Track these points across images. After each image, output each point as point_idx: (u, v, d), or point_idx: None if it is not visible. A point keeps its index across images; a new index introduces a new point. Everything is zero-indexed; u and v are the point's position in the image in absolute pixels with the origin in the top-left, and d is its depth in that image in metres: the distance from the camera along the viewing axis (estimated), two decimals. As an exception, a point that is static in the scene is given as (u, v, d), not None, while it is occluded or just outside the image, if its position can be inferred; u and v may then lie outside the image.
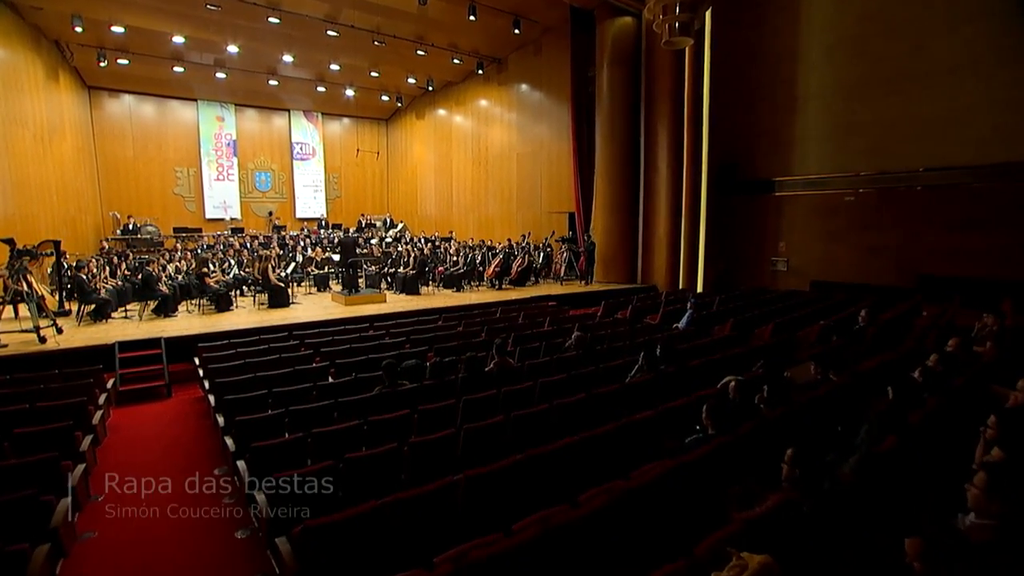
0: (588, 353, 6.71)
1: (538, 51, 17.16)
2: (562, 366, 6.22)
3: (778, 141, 13.78)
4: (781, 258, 14.18)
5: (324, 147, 23.35)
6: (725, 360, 5.93)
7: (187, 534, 4.11)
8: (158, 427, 6.54)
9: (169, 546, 4.00)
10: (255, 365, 6.38)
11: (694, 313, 9.74)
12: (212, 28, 14.99)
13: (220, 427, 5.08)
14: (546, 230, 16.60)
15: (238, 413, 4.83)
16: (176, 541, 4.05)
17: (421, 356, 6.99)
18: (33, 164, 14.02)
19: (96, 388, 6.11)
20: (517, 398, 5.00)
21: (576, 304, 12.77)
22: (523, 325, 8.78)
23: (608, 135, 14.82)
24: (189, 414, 6.94)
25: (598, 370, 5.77)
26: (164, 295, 10.28)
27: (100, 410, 5.55)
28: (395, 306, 11.26)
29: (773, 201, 14.07)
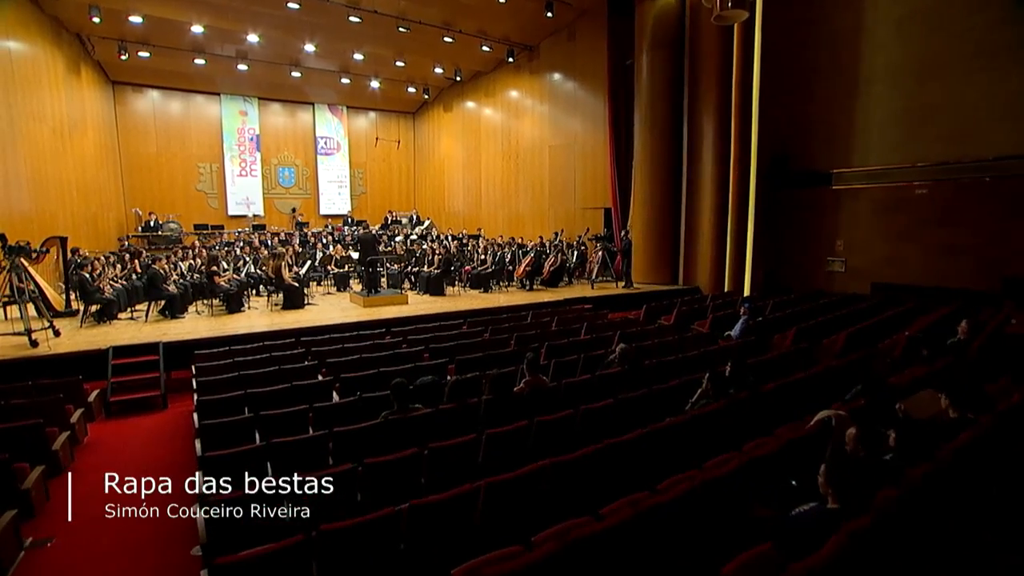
0: (635, 369, 5.71)
1: (572, 37, 16.12)
2: (606, 386, 5.24)
3: (836, 129, 12.50)
4: (838, 258, 12.91)
5: (349, 141, 22.70)
6: (806, 384, 4.87)
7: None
8: (142, 446, 5.79)
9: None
10: (249, 379, 5.56)
11: (749, 320, 8.66)
12: (231, 16, 14.41)
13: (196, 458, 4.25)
14: (580, 227, 15.56)
15: (216, 443, 4.00)
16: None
17: (440, 370, 6.09)
18: (52, 160, 13.64)
19: (70, 403, 5.37)
20: (554, 433, 4.05)
21: (613, 307, 11.74)
22: (557, 333, 7.81)
23: (648, 125, 13.71)
24: (179, 430, 6.16)
25: (651, 393, 4.77)
26: (171, 295, 9.63)
27: (66, 432, 4.78)
28: (417, 308, 10.41)
29: (829, 195, 12.79)
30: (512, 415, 4.55)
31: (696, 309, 10.20)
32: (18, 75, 12.23)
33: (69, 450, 4.76)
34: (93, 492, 3.72)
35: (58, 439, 4.57)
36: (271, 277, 10.59)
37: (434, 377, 5.17)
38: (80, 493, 4.46)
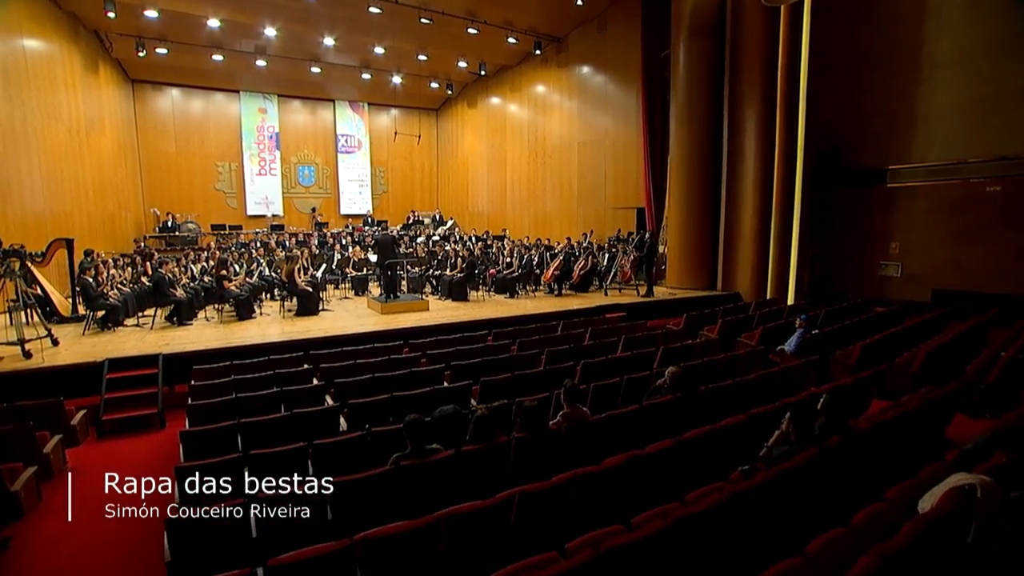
0: (688, 397, 4.89)
1: (603, 27, 15.26)
2: (657, 421, 4.46)
3: (893, 121, 11.46)
4: (892, 262, 11.88)
5: (370, 139, 22.12)
6: (903, 424, 3.99)
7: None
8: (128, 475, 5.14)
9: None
10: (246, 404, 4.90)
11: (805, 333, 7.76)
12: (248, 9, 13.91)
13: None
14: (611, 228, 14.71)
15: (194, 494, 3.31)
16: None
17: (463, 394, 5.36)
18: (68, 159, 13.31)
19: (45, 429, 4.75)
20: (601, 489, 3.27)
21: (648, 315, 10.89)
22: (592, 348, 7.00)
23: (684, 119, 12.78)
24: (172, 457, 5.48)
25: (714, 433, 3.94)
26: (178, 300, 9.08)
27: (32, 468, 4.15)
28: (438, 316, 9.70)
29: (884, 194, 11.77)
30: (548, 459, 3.80)
31: (741, 319, 9.31)
32: (32, 73, 11.87)
33: (35, 488, 4.13)
34: (56, 542, 3.10)
35: (20, 477, 3.94)
36: (284, 281, 9.98)
37: (455, 406, 4.42)
38: (39, 543, 3.84)
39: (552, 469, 3.56)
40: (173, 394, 6.94)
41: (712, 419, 4.39)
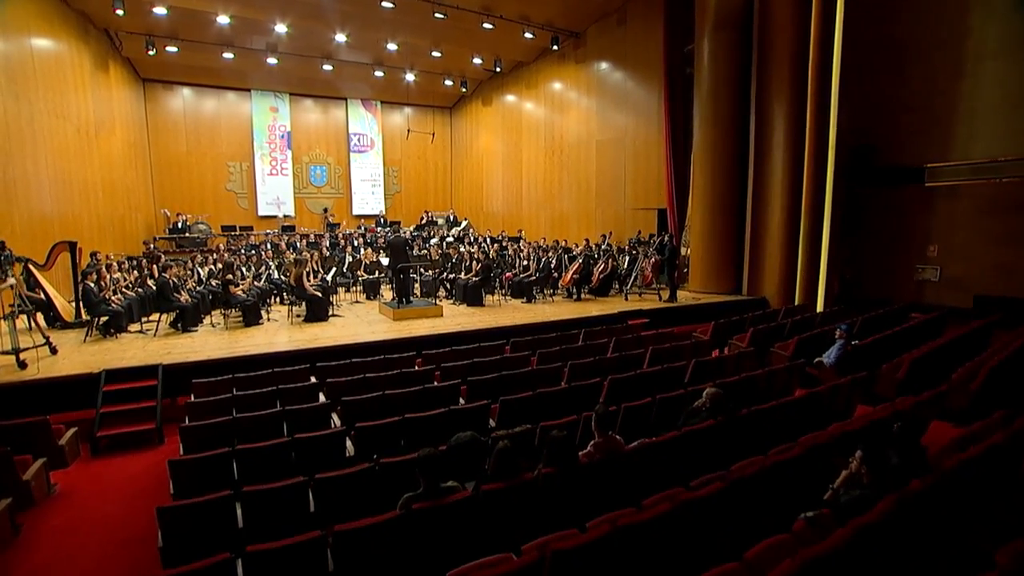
0: (730, 421, 4.40)
1: (622, 21, 14.71)
2: (697, 449, 3.98)
3: (933, 117, 10.82)
4: (930, 265, 11.25)
5: (383, 138, 21.73)
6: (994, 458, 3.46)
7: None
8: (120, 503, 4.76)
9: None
10: (244, 427, 4.48)
11: (846, 344, 7.21)
12: (257, 5, 13.57)
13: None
14: (630, 229, 14.17)
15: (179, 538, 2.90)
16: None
17: (481, 416, 4.90)
18: (77, 160, 13.05)
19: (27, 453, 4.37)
20: (646, 542, 2.79)
21: (672, 321, 10.36)
22: (617, 362, 6.50)
23: (709, 117, 12.21)
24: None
25: (770, 471, 3.43)
26: (182, 306, 8.72)
27: (6, 501, 3.75)
28: (453, 323, 9.24)
29: (921, 193, 11.14)
30: (580, 497, 3.34)
31: (773, 328, 8.74)
32: (40, 72, 11.62)
33: (9, 522, 3.73)
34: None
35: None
36: (292, 286, 9.59)
37: (473, 433, 3.95)
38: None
39: (585, 510, 3.12)
40: (174, 406, 6.57)
41: (757, 446, 3.93)
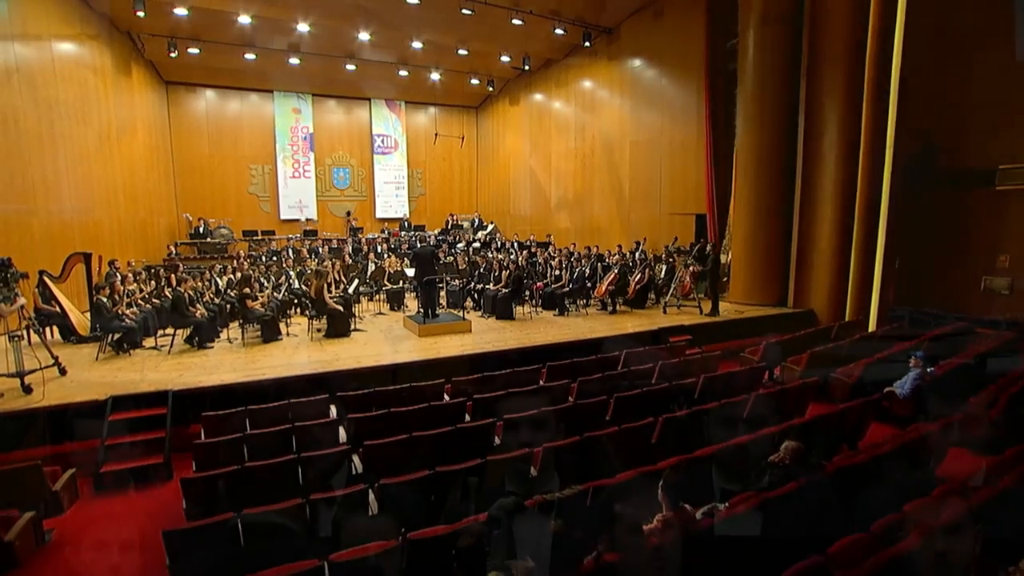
0: (815, 480, 3.73)
1: (659, 14, 13.92)
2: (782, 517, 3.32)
3: (1007, 113, 9.84)
4: (1001, 276, 10.28)
5: (407, 139, 21.25)
6: None
7: None
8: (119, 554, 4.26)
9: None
10: (253, 479, 3.94)
11: (923, 373, 6.44)
12: (279, 4, 13.16)
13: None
14: (667, 235, 13.39)
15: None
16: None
17: (521, 465, 4.29)
18: (97, 164, 12.83)
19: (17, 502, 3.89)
20: None
21: (715, 338, 9.64)
22: (666, 394, 5.81)
23: (754, 117, 11.38)
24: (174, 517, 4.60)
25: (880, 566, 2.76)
26: (197, 322, 8.28)
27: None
28: (482, 340, 8.64)
29: (991, 197, 10.18)
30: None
31: (830, 350, 7.97)
32: (60, 75, 11.40)
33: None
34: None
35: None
36: (313, 299, 9.10)
37: (516, 499, 3.34)
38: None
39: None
40: (185, 433, 6.09)
41: (852, 510, 3.29)
